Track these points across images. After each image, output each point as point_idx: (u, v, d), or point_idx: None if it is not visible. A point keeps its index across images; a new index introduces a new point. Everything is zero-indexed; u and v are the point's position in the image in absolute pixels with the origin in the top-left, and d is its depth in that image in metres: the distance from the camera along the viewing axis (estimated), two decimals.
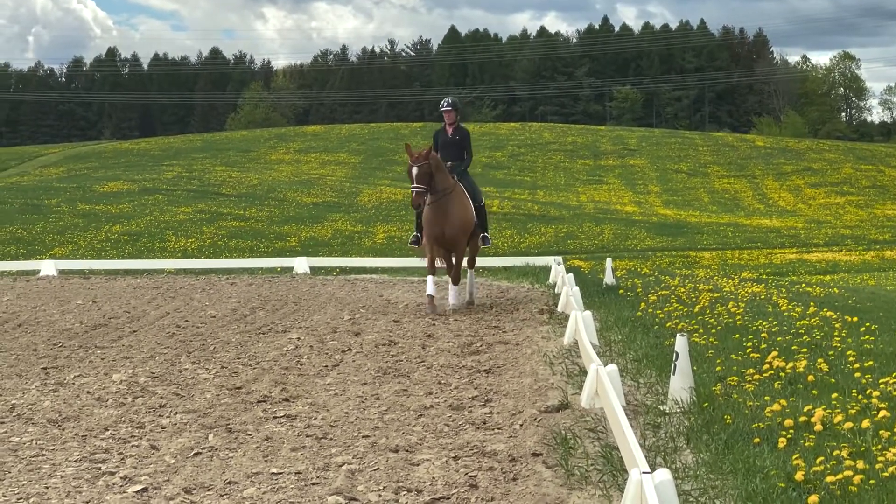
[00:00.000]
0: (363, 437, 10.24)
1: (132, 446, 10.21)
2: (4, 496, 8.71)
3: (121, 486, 8.81)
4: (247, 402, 12.19)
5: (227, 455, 9.71)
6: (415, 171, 16.81)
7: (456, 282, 18.24)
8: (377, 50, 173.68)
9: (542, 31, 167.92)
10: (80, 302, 23.58)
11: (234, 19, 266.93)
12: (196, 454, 9.77)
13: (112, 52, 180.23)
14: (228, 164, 64.74)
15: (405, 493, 8.37)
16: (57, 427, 11.16)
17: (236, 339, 17.29)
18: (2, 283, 28.87)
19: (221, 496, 8.49)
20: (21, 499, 8.64)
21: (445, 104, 18.14)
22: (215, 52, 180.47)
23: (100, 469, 9.38)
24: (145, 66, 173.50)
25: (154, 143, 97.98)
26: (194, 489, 8.66)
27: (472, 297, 19.55)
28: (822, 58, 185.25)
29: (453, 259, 19.45)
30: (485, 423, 10.71)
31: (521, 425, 10.49)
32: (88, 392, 13.07)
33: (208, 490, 8.64)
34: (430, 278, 18.09)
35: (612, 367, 10.72)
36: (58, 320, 20.34)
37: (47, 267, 30.56)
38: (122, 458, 9.68)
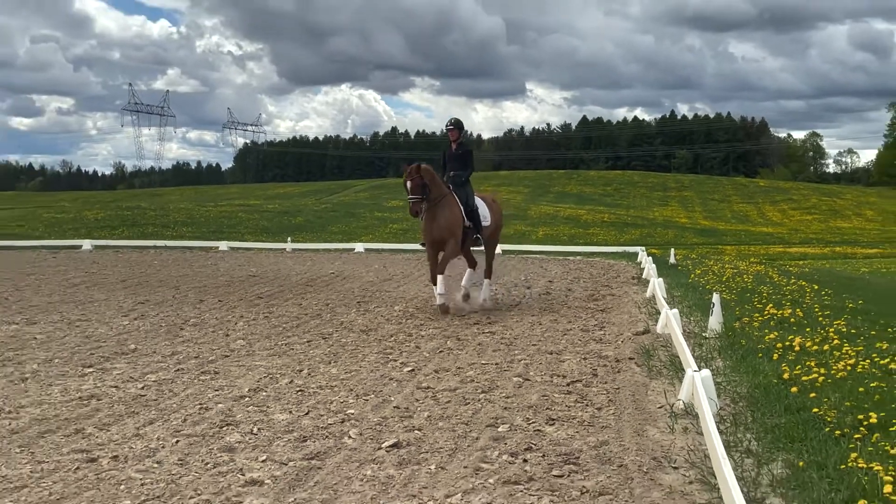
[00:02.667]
0: (532, 345, 10.91)
1: (406, 346, 10.98)
2: (339, 370, 9.48)
3: (399, 367, 9.61)
4: (467, 324, 12.89)
5: (458, 353, 10.49)
6: (409, 184, 13.30)
7: (441, 273, 13.65)
8: (540, 128, 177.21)
9: (635, 118, 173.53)
10: (377, 266, 24.39)
11: (458, 111, 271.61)
12: (440, 351, 10.58)
13: (394, 129, 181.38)
14: None
15: (557, 377, 9.03)
16: (365, 334, 11.93)
17: (367, 293, 17.88)
18: (333, 255, 29.68)
19: (454, 375, 9.18)
20: (347, 372, 9.39)
21: (449, 124, 14.31)
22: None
23: (387, 358, 10.14)
24: (412, 136, 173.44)
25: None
26: (439, 370, 9.45)
27: (486, 301, 14.74)
28: (799, 134, 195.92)
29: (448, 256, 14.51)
30: (601, 340, 11.36)
31: (622, 341, 11.14)
32: (382, 315, 13.92)
33: (447, 371, 9.41)
34: (439, 278, 13.62)
35: (675, 310, 11.24)
36: (364, 276, 21.16)
37: (359, 247, 31.54)
38: (400, 353, 10.48)
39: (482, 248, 15.04)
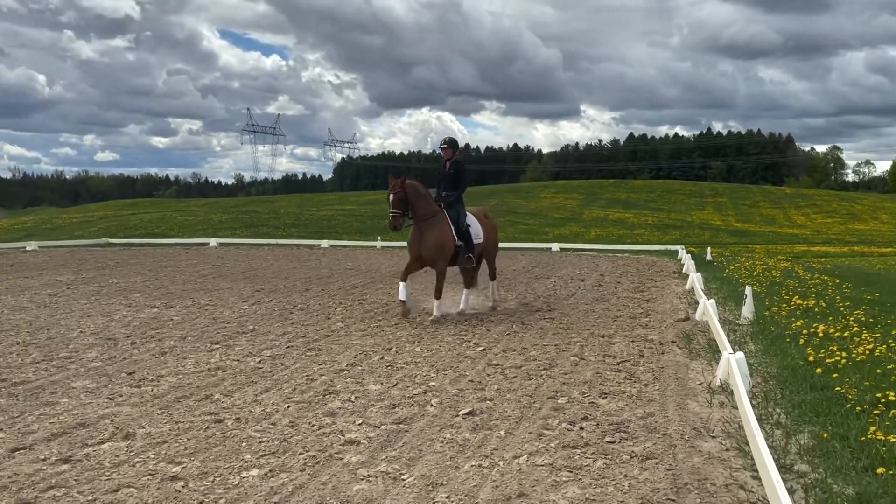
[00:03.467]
0: (586, 329, 10.82)
1: (478, 329, 11.00)
2: (422, 349, 9.47)
3: (473, 347, 9.63)
4: (530, 310, 12.83)
5: (522, 335, 10.44)
6: (391, 197, 11.38)
7: (437, 296, 11.82)
8: (592, 144, 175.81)
9: (675, 135, 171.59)
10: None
11: (522, 130, 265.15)
12: (507, 334, 10.55)
13: (467, 145, 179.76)
14: (522, 198, 64.71)
15: (608, 357, 8.95)
16: (443, 318, 11.86)
17: (526, 280, 17.94)
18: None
19: (520, 354, 9.15)
20: (429, 350, 9.37)
21: (443, 143, 12.18)
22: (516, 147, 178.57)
23: (463, 339, 10.15)
24: (482, 151, 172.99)
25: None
26: (507, 350, 9.44)
27: (496, 302, 13.17)
28: (821, 148, 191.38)
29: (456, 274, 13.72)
30: (646, 325, 11.20)
31: (665, 327, 10.98)
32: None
33: (513, 350, 9.37)
34: (401, 284, 11.79)
35: (712, 300, 11.09)
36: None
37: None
38: (473, 335, 10.49)
39: (472, 265, 12.48)
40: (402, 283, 11.74)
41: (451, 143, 12.16)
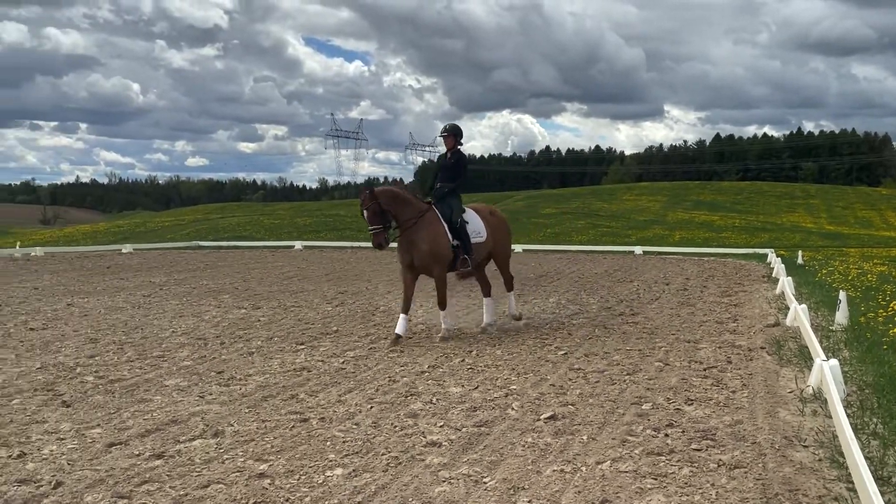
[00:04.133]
0: (671, 334, 10.63)
1: (559, 333, 10.90)
2: (503, 352, 9.42)
3: (554, 351, 9.56)
4: (614, 314, 12.66)
5: (605, 339, 10.34)
6: (365, 214, 9.89)
7: (442, 306, 10.39)
8: (677, 145, 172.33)
9: (763, 135, 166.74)
10: (533, 264, 24.77)
11: (604, 131, 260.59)
12: (589, 338, 10.46)
13: (547, 148, 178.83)
14: (604, 200, 63.85)
15: (694, 363, 8.76)
16: (524, 324, 11.78)
17: (608, 284, 17.72)
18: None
19: (602, 358, 9.04)
20: (510, 354, 9.34)
21: (443, 131, 10.62)
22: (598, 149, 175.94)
23: (544, 342, 10.11)
24: (563, 153, 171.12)
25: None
26: (589, 354, 9.32)
27: (514, 315, 11.50)
28: None
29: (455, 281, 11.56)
30: (734, 331, 10.92)
31: (754, 333, 10.70)
32: (538, 306, 13.79)
33: (596, 355, 9.26)
34: (401, 317, 10.03)
35: (803, 305, 10.71)
36: (523, 272, 20.89)
37: (517, 248, 31.30)
38: (554, 338, 10.41)
39: (468, 269, 10.70)
40: (402, 316, 10.05)
41: (452, 131, 10.64)
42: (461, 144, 10.72)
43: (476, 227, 10.65)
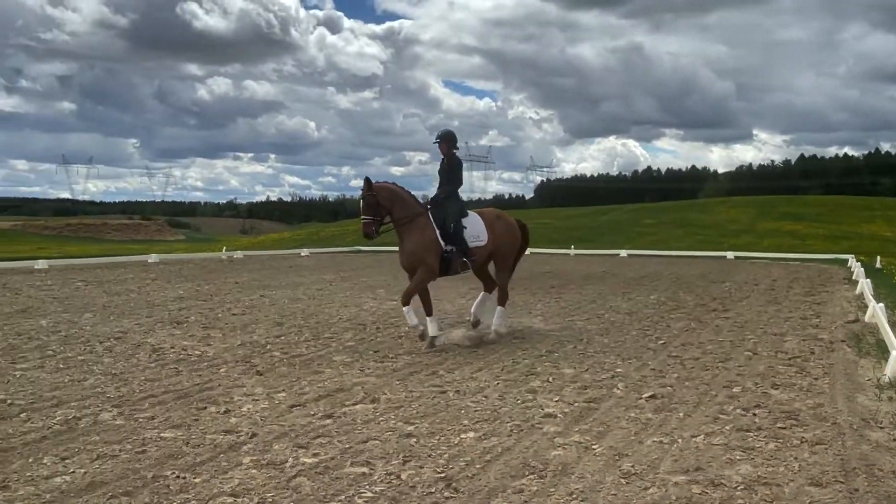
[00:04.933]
0: (759, 328, 10.17)
1: (659, 325, 10.60)
2: (609, 341, 9.20)
3: (654, 340, 9.27)
4: (707, 310, 12.20)
5: (699, 331, 9.99)
6: (361, 203, 8.57)
7: (428, 312, 8.79)
8: (765, 164, 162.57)
9: (844, 154, 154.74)
10: (636, 266, 23.57)
11: (698, 153, 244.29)
12: (686, 330, 10.12)
13: (649, 167, 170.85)
14: (699, 212, 60.35)
15: (780, 353, 8.34)
16: (628, 315, 11.54)
17: (703, 284, 17.08)
18: (604, 258, 29.13)
19: (697, 348, 8.71)
20: (615, 342, 9.15)
21: (436, 138, 9.00)
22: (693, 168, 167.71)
23: (645, 333, 9.82)
24: (663, 172, 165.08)
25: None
26: (685, 344, 9.00)
27: (501, 328, 9.35)
28: None
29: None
30: (817, 326, 10.34)
31: (835, 328, 10.09)
32: (641, 302, 13.42)
33: (691, 345, 8.94)
34: (428, 321, 8.72)
35: (881, 304, 10.04)
36: (626, 273, 20.77)
37: (623, 253, 30.86)
38: (655, 330, 10.12)
39: (468, 272, 9.20)
40: (428, 320, 8.71)
41: (444, 137, 8.99)
42: (457, 149, 9.12)
43: (476, 230, 8.98)
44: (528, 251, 10.64)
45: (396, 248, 8.89)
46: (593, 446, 4.95)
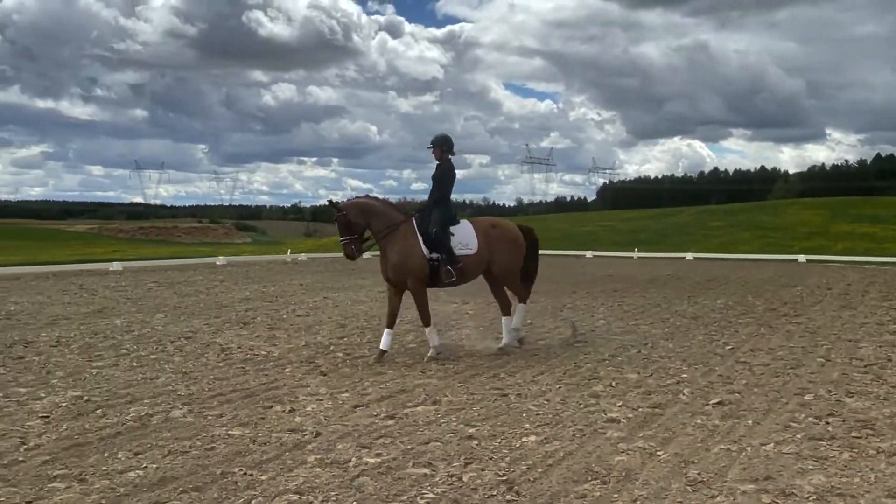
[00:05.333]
0: (833, 334, 9.82)
1: (726, 330, 10.34)
2: (674, 345, 9.00)
3: (721, 346, 9.03)
4: (778, 315, 11.83)
5: (769, 337, 9.71)
6: (336, 225, 8.25)
7: (424, 322, 8.35)
8: (839, 164, 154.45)
9: None
10: (701, 270, 23.44)
11: (767, 153, 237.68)
12: (755, 335, 9.84)
13: (715, 168, 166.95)
14: (769, 214, 58.15)
15: (855, 360, 8.02)
16: (693, 320, 11.28)
17: (772, 288, 16.65)
18: (667, 261, 28.66)
19: (767, 353, 8.41)
20: (681, 347, 8.93)
21: (430, 143, 8.45)
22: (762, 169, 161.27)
23: (712, 338, 9.58)
24: (730, 173, 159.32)
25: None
26: (754, 349, 8.71)
27: (508, 346, 8.68)
28: None
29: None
30: (894, 332, 9.88)
31: None
32: (707, 307, 13.13)
33: (761, 350, 8.67)
34: (385, 332, 8.21)
35: None
36: (692, 277, 20.34)
37: (688, 256, 30.13)
38: (722, 335, 9.84)
39: (453, 279, 8.37)
40: (386, 331, 8.21)
41: (437, 142, 8.45)
42: (453, 154, 8.53)
43: (464, 238, 8.35)
44: (589, 254, 10.47)
45: None
46: (658, 452, 4.87)
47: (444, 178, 8.41)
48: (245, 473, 4.40)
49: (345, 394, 6.44)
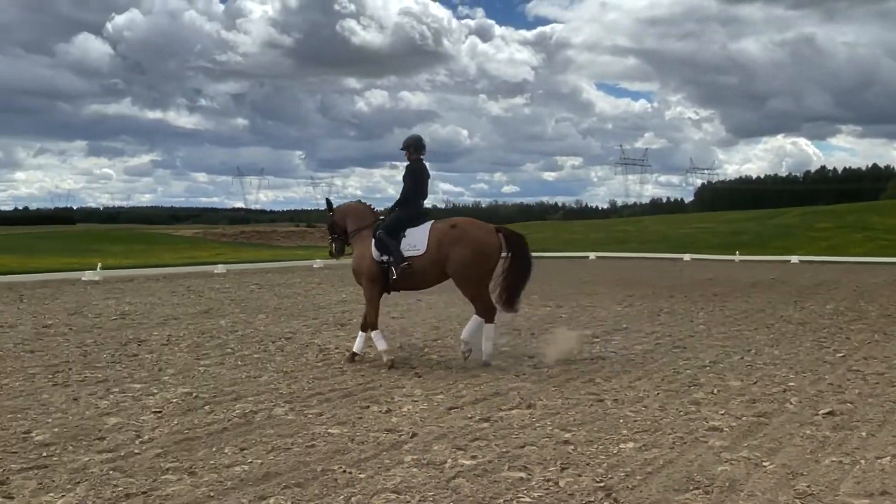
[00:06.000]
0: None
1: (837, 336, 9.81)
2: (780, 352, 8.63)
3: (832, 353, 8.53)
4: (893, 321, 11.18)
5: (884, 344, 9.14)
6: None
7: (363, 328, 8.25)
8: None
9: None
10: (808, 274, 21.97)
11: (879, 150, 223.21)
12: (868, 343, 9.30)
13: (822, 167, 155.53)
14: (882, 215, 54.54)
15: None
16: (801, 326, 10.78)
17: (887, 293, 15.83)
18: (772, 265, 27.55)
19: (881, 362, 7.93)
20: (787, 354, 8.57)
21: (401, 146, 8.28)
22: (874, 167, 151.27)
23: (821, 345, 9.11)
24: (839, 172, 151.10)
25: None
26: (868, 357, 8.23)
27: (486, 356, 7.95)
28: None
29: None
30: None
31: None
32: (815, 312, 12.56)
33: (875, 358, 8.16)
34: (373, 334, 8.08)
35: None
36: (798, 281, 19.42)
37: (793, 259, 28.81)
38: (832, 342, 9.35)
39: (394, 279, 7.98)
40: (373, 333, 8.05)
41: (405, 144, 8.28)
42: (422, 155, 8.27)
43: (415, 239, 7.93)
44: (686, 257, 10.10)
45: (548, 255, 8.87)
46: (764, 463, 4.67)
47: (407, 177, 8.14)
48: (344, 471, 4.51)
49: (440, 395, 6.50)
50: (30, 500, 4.04)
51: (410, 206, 8.15)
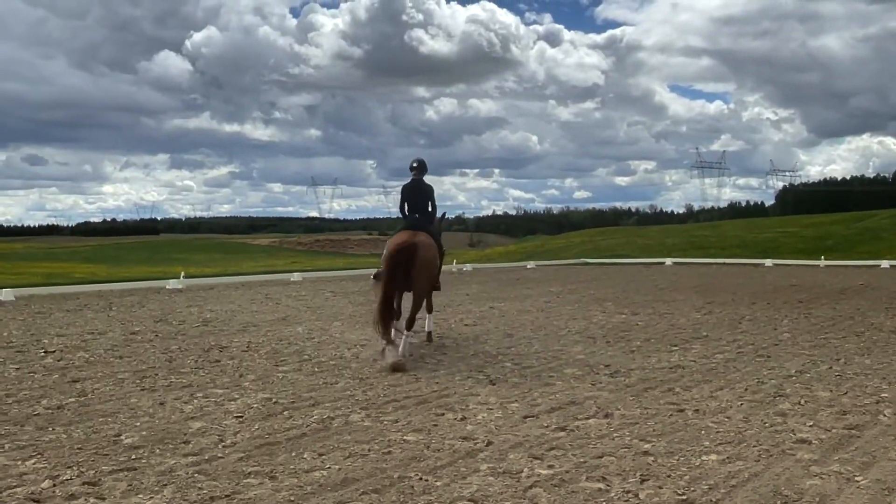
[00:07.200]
0: None
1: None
2: (871, 362, 8.23)
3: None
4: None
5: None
6: None
7: (429, 310, 9.94)
8: None
9: None
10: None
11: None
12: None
13: None
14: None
15: None
16: (894, 334, 10.24)
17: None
18: (860, 270, 26.31)
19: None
20: (879, 363, 8.21)
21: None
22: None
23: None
24: None
25: None
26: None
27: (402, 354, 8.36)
28: None
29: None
30: None
31: None
32: (889, 326, 11.85)
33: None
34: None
35: None
36: (891, 286, 18.61)
37: (884, 263, 27.47)
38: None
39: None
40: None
41: (411, 166, 9.49)
42: (420, 175, 9.51)
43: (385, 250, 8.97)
44: (768, 262, 9.91)
45: (623, 261, 8.85)
46: (856, 478, 4.46)
47: (402, 194, 9.52)
48: (421, 478, 4.53)
49: (514, 403, 6.47)
50: (120, 501, 4.20)
51: (404, 218, 9.43)
